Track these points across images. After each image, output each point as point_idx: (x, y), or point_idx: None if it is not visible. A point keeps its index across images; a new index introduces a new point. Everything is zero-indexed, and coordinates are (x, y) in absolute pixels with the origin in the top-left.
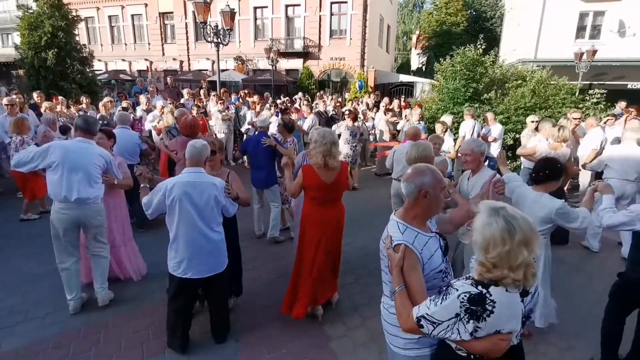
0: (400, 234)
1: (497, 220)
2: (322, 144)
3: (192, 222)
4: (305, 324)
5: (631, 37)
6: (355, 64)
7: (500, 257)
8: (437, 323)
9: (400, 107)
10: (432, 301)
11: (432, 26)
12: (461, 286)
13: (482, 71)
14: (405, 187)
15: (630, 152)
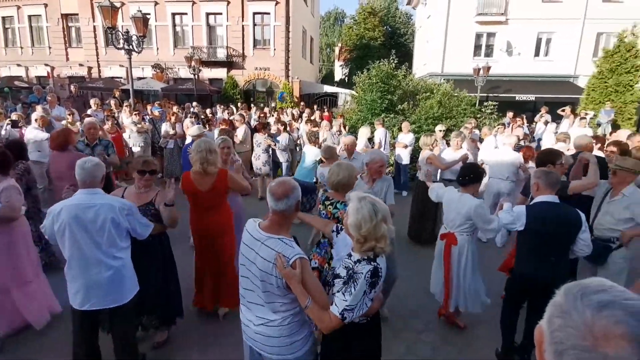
0: (292, 248)
1: (365, 204)
2: (198, 152)
3: (86, 248)
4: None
5: (517, 56)
6: (280, 74)
7: (369, 231)
8: (355, 307)
9: (322, 118)
10: (343, 294)
11: (353, 39)
12: (361, 268)
13: (395, 84)
14: (284, 204)
15: (503, 155)
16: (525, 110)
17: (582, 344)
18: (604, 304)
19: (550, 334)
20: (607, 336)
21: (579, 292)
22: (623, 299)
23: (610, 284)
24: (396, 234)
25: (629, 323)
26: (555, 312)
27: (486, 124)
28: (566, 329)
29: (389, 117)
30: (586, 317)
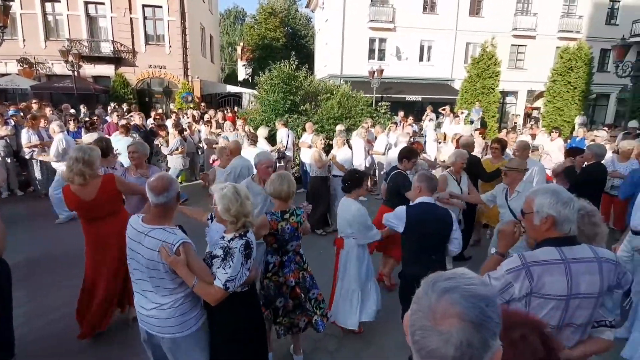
0: (175, 235)
1: (227, 190)
2: (70, 160)
3: None
4: None
5: (405, 61)
6: (178, 72)
7: (238, 210)
8: (236, 277)
9: (225, 119)
10: (224, 268)
11: (255, 39)
12: (235, 244)
13: (297, 85)
14: (165, 197)
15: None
16: (414, 109)
17: (426, 324)
18: (447, 289)
19: (410, 318)
20: (444, 316)
21: (432, 280)
22: (464, 285)
23: (463, 272)
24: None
25: (462, 304)
26: (414, 299)
27: (381, 123)
28: (417, 313)
29: (292, 118)
30: (431, 301)
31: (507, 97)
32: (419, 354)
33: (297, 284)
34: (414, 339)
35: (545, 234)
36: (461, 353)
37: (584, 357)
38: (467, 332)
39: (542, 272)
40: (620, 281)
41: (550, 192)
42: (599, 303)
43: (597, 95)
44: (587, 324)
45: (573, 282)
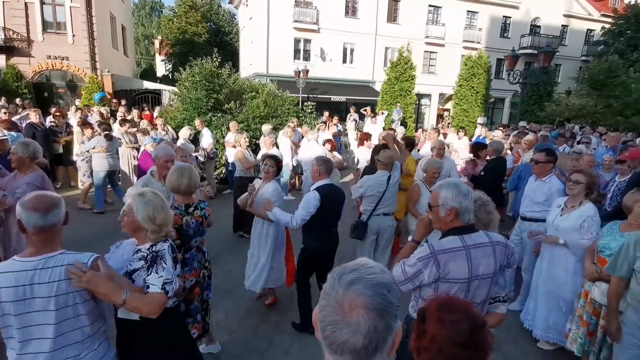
0: (82, 254)
1: (150, 197)
2: None
3: None
4: None
5: (329, 62)
6: (84, 65)
7: (164, 218)
8: (172, 280)
9: (141, 117)
10: (156, 272)
11: (174, 33)
12: (161, 247)
13: (221, 82)
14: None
15: (311, 149)
16: (339, 110)
17: (335, 318)
18: (352, 281)
19: (319, 314)
20: (351, 307)
21: (337, 274)
22: (367, 275)
23: (365, 263)
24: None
25: (367, 294)
26: (322, 294)
27: (307, 123)
28: (326, 308)
29: (216, 117)
30: (339, 294)
31: (422, 99)
32: (331, 348)
33: (197, 283)
34: (324, 334)
35: (449, 224)
36: (369, 340)
37: None
38: (373, 319)
39: (448, 260)
40: (509, 260)
41: (452, 185)
42: (494, 282)
43: (495, 99)
44: (485, 301)
45: (473, 265)
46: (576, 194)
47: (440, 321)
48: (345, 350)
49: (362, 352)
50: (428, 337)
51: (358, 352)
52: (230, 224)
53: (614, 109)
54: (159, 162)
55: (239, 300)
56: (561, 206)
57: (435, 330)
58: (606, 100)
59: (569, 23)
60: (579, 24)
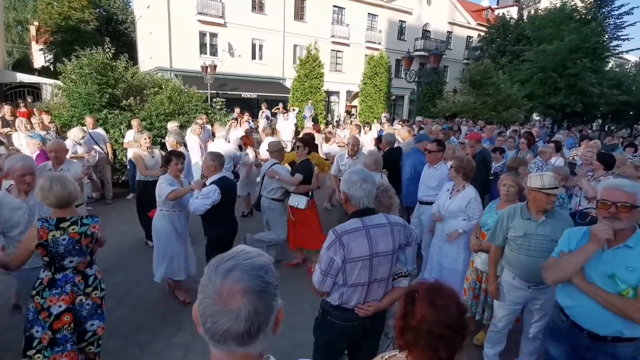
0: None
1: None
2: None
3: None
4: None
5: (238, 57)
6: None
7: None
8: None
9: (15, 115)
10: None
11: (55, 19)
12: None
13: (117, 76)
14: None
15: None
16: (251, 106)
17: (216, 308)
18: (229, 269)
19: (198, 308)
20: (230, 295)
21: (214, 264)
22: (243, 260)
23: (242, 250)
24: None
25: (244, 279)
26: (200, 289)
27: (217, 120)
28: (205, 301)
29: (113, 114)
30: (216, 285)
31: (331, 96)
32: (213, 339)
33: (67, 310)
34: (206, 327)
35: (346, 206)
36: (250, 323)
37: (390, 304)
38: (253, 302)
39: (350, 239)
40: (408, 239)
41: (347, 173)
42: (395, 259)
43: (396, 96)
44: (388, 277)
45: (373, 243)
46: (452, 177)
47: (432, 304)
48: (228, 338)
49: (245, 337)
50: (417, 318)
51: (241, 337)
52: (134, 231)
53: (488, 105)
54: (14, 177)
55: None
56: (449, 190)
57: (426, 312)
58: (482, 97)
59: (453, 30)
60: (461, 31)
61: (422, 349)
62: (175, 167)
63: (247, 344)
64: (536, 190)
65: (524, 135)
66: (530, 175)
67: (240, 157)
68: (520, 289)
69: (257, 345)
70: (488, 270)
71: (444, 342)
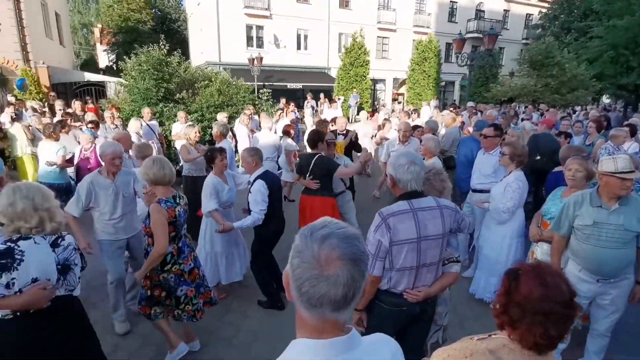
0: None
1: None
2: None
3: None
4: None
5: (284, 49)
6: (15, 56)
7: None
8: None
9: (84, 110)
10: None
11: (116, 21)
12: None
13: (171, 71)
14: None
15: (264, 137)
16: (296, 97)
17: (314, 272)
18: (325, 236)
19: (292, 274)
20: (328, 261)
21: (308, 231)
22: (337, 229)
23: (330, 220)
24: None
25: (341, 246)
26: (294, 254)
27: (264, 110)
28: (302, 265)
29: (168, 107)
30: (314, 250)
31: (377, 84)
32: (309, 303)
33: (195, 266)
34: (302, 291)
35: (394, 189)
36: (348, 289)
37: (441, 290)
38: (350, 269)
39: (396, 222)
40: (460, 225)
41: (395, 156)
42: (445, 243)
43: (445, 82)
44: (438, 262)
45: (420, 226)
46: (504, 165)
47: (541, 279)
48: (324, 303)
49: (341, 302)
50: (523, 293)
51: (338, 302)
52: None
53: (551, 88)
54: (106, 159)
55: None
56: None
57: (534, 288)
58: (544, 79)
59: (510, 8)
60: (519, 9)
61: (530, 325)
62: (221, 164)
63: (342, 309)
64: (609, 175)
65: (593, 118)
66: (602, 159)
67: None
68: (587, 282)
69: (348, 312)
70: (550, 260)
71: (554, 319)
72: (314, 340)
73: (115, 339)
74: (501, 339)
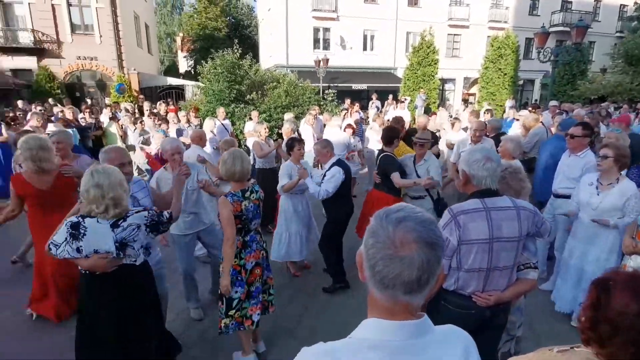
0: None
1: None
2: (27, 149)
3: None
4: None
5: (350, 50)
6: (112, 64)
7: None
8: (57, 244)
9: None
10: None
11: (195, 29)
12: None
13: (242, 74)
14: None
15: (334, 135)
16: (361, 98)
17: (388, 252)
18: (401, 219)
19: (366, 254)
20: (403, 243)
21: (383, 214)
22: (413, 213)
23: (406, 205)
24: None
25: (417, 229)
26: (368, 235)
27: (329, 111)
28: (376, 245)
29: (239, 107)
30: (389, 231)
31: (446, 84)
32: (382, 283)
33: (257, 265)
34: (375, 270)
35: (465, 187)
36: (422, 272)
37: (515, 296)
38: (426, 252)
39: (467, 220)
40: (539, 229)
41: (469, 151)
42: (521, 246)
43: (524, 80)
44: (512, 267)
45: (494, 226)
46: (606, 169)
47: (637, 293)
48: (397, 284)
49: (414, 284)
50: (616, 309)
51: (411, 283)
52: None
53: None
54: (167, 156)
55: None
56: (593, 184)
57: (630, 302)
58: None
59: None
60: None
61: (622, 344)
62: (299, 153)
63: (414, 292)
64: None
65: None
66: None
67: (352, 145)
68: None
69: (421, 296)
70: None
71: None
72: (384, 320)
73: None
74: (585, 353)
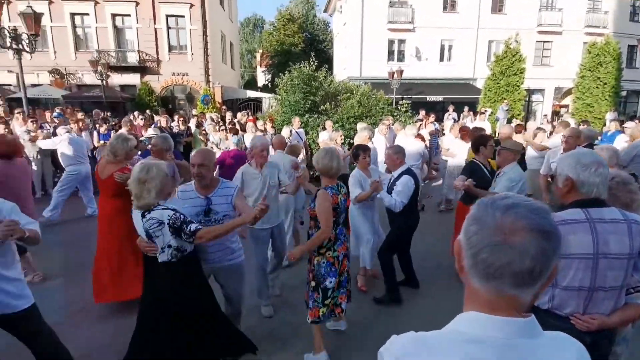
0: None
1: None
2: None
3: None
4: None
5: (425, 61)
6: (200, 79)
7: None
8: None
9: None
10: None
11: (274, 45)
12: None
13: (317, 85)
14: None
15: (410, 144)
16: (436, 109)
17: (495, 239)
18: (510, 206)
19: (467, 242)
20: (513, 230)
21: (489, 201)
22: (523, 201)
23: (512, 194)
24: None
25: (529, 217)
26: (470, 222)
27: (402, 121)
28: (480, 232)
29: (312, 117)
30: (497, 217)
31: (533, 95)
32: (486, 272)
33: (345, 256)
34: (478, 258)
35: (567, 196)
36: (535, 263)
37: (622, 324)
38: (540, 241)
39: (567, 232)
40: None
41: (572, 155)
42: (631, 266)
43: (627, 91)
44: (620, 288)
45: (600, 240)
46: None
47: None
48: (505, 274)
49: (525, 276)
50: None
51: (521, 274)
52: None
53: None
54: (256, 152)
55: None
56: None
57: None
58: None
59: None
60: None
61: None
62: (364, 161)
63: (524, 285)
64: None
65: None
66: None
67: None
68: None
69: (531, 291)
70: None
71: None
72: (487, 314)
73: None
74: None
